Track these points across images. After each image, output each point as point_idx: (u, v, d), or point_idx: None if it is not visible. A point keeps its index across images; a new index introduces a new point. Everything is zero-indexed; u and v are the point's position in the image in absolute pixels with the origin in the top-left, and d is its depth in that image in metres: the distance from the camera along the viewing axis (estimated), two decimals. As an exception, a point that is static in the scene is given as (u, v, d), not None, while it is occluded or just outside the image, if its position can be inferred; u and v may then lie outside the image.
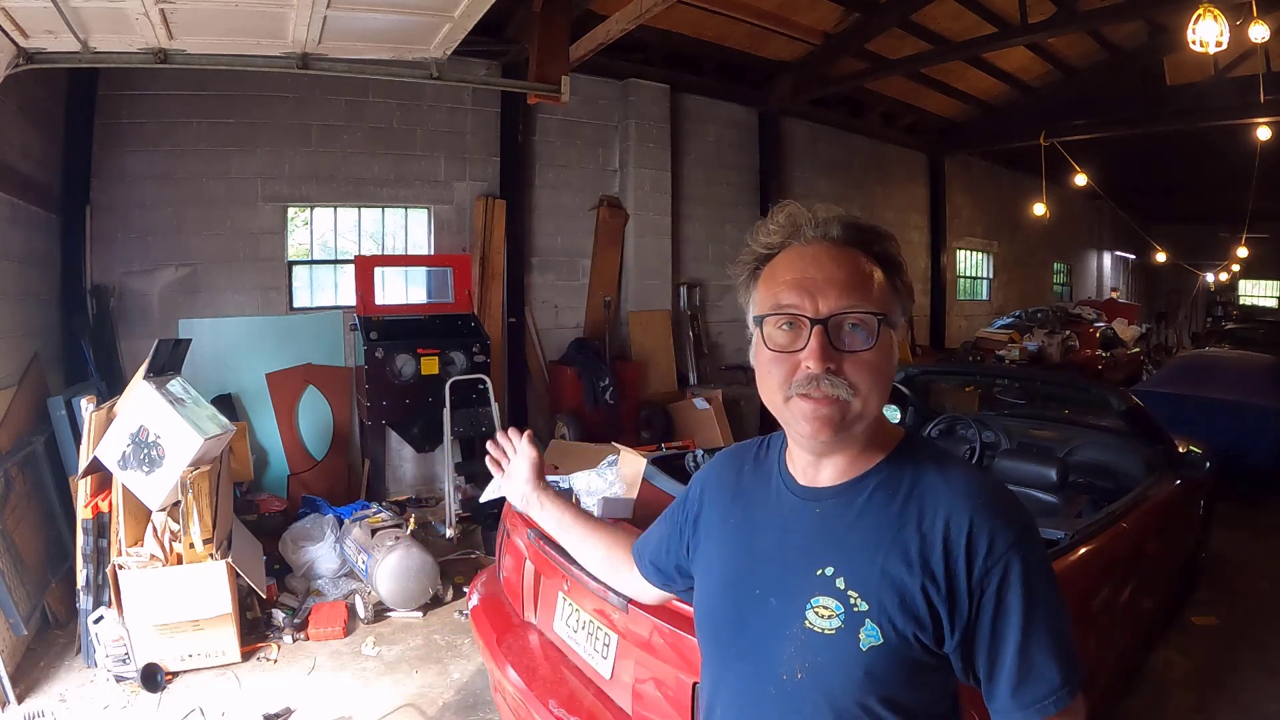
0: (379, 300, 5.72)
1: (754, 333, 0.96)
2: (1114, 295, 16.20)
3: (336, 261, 6.10)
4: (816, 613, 0.92)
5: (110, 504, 3.25)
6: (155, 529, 3.24)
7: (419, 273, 6.35)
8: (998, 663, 0.89)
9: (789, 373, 0.90)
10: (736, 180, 8.35)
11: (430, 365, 5.32)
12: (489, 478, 1.52)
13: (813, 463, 0.98)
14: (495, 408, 5.24)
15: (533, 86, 4.55)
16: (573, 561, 2.09)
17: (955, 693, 0.98)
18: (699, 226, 7.96)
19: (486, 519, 4.57)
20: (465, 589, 3.78)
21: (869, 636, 0.89)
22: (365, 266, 5.58)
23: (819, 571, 0.93)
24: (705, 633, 1.08)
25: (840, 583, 0.91)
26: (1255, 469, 5.63)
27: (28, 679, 3.12)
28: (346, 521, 4.37)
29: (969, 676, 0.93)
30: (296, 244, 5.95)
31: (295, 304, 5.85)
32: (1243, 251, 14.11)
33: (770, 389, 0.93)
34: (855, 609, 0.90)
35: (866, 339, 0.89)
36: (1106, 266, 17.90)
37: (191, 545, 3.22)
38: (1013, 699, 0.89)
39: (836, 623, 0.90)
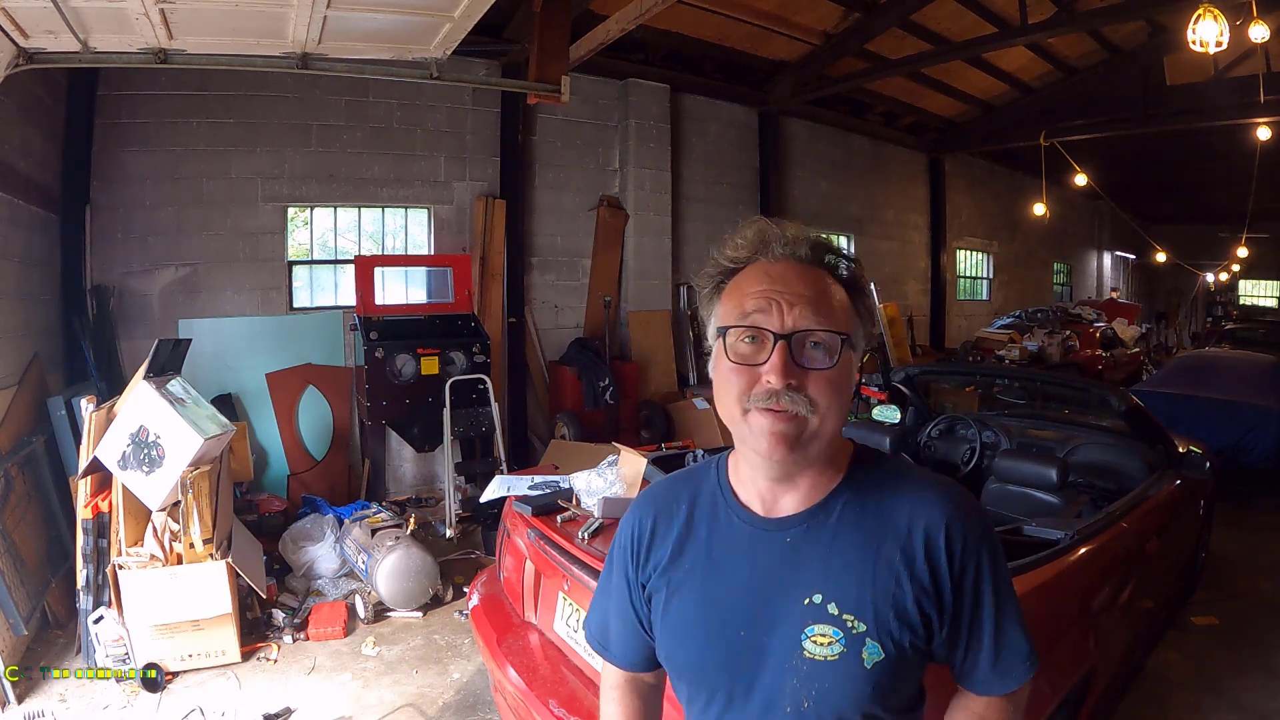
0: (379, 300, 5.72)
1: (715, 344, 0.94)
2: (1114, 295, 16.17)
3: (336, 261, 6.10)
4: (814, 641, 0.92)
5: (110, 504, 3.25)
6: (155, 529, 3.24)
7: (419, 273, 6.35)
8: (980, 641, 0.97)
9: (749, 385, 0.89)
10: (736, 180, 8.34)
11: (430, 365, 5.33)
12: (489, 478, 1.52)
13: (770, 489, 0.96)
14: (495, 408, 5.24)
15: (533, 86, 4.55)
16: (573, 561, 2.10)
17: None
18: (699, 226, 7.95)
19: (486, 519, 4.57)
20: (465, 589, 3.78)
21: (872, 654, 0.91)
22: (365, 266, 5.58)
23: (806, 600, 0.93)
24: (691, 684, 1.01)
25: (832, 608, 0.92)
26: (1255, 469, 5.64)
27: (28, 679, 3.11)
28: (346, 521, 4.37)
29: (951, 659, 0.99)
30: (296, 244, 5.95)
31: (295, 304, 5.85)
32: (1243, 251, 14.11)
33: (729, 401, 0.91)
34: (854, 631, 0.91)
35: (828, 357, 0.89)
36: (1106, 266, 17.88)
37: (191, 545, 3.22)
38: (994, 670, 0.98)
39: (838, 648, 0.91)
